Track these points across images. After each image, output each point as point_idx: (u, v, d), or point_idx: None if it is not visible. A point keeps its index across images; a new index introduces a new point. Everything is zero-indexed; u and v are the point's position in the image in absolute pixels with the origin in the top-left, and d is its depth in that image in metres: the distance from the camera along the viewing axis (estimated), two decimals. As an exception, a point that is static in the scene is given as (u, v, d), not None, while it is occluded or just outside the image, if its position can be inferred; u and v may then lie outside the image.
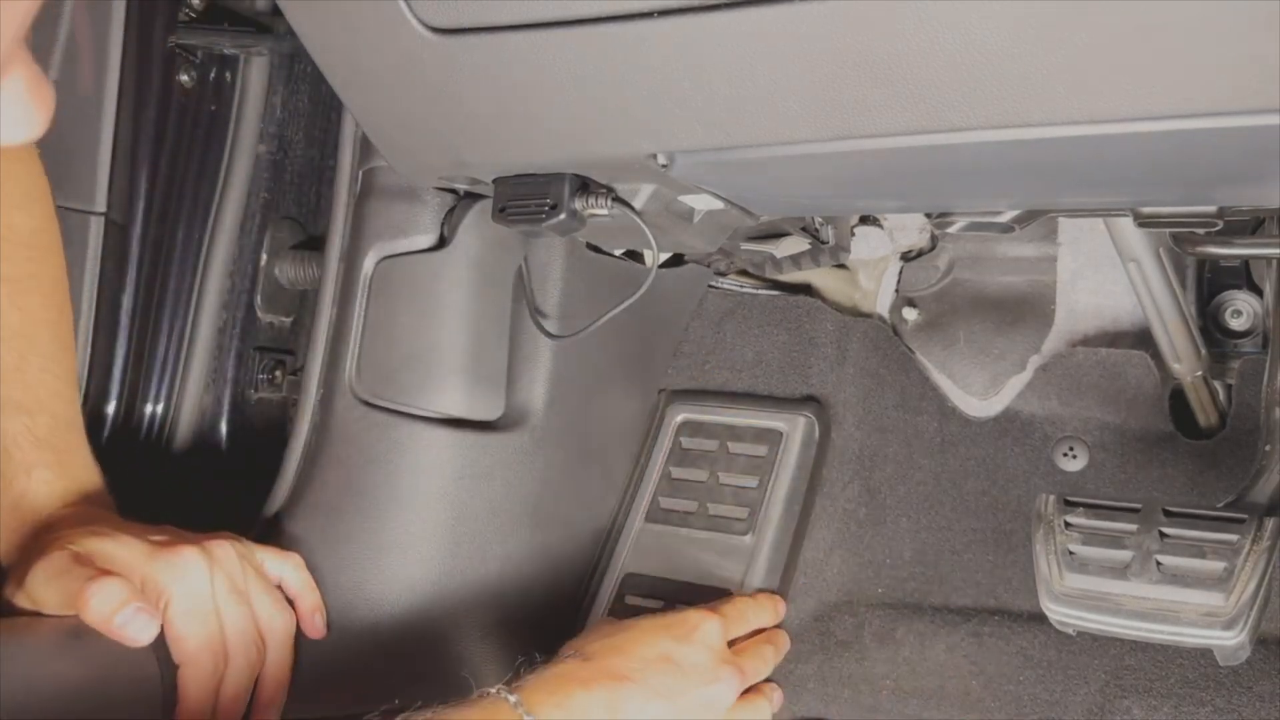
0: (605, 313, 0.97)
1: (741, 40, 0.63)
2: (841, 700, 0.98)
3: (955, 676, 0.97)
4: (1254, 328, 1.03)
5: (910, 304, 1.16)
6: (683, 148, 0.73)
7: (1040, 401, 1.07)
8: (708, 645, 0.88)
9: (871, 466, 1.09)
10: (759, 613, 0.97)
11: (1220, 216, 0.76)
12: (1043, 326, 1.10)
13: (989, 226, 0.87)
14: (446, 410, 0.95)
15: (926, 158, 0.68)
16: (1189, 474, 1.00)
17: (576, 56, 0.68)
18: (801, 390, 1.13)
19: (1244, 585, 0.79)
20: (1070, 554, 0.85)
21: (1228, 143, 0.61)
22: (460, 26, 0.69)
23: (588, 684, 0.81)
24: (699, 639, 0.87)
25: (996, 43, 0.58)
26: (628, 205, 0.82)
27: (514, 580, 1.00)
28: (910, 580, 1.04)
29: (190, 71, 1.12)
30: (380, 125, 0.82)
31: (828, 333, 1.14)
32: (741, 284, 1.20)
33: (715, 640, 0.89)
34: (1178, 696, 0.90)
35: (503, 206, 0.83)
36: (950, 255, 1.15)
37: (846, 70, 0.62)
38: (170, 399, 1.14)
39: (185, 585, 0.78)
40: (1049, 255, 1.11)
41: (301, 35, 0.77)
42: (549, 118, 0.74)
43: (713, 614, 0.90)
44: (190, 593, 0.78)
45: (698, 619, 0.89)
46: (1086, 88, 0.59)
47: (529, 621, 1.01)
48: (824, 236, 1.06)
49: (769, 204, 0.89)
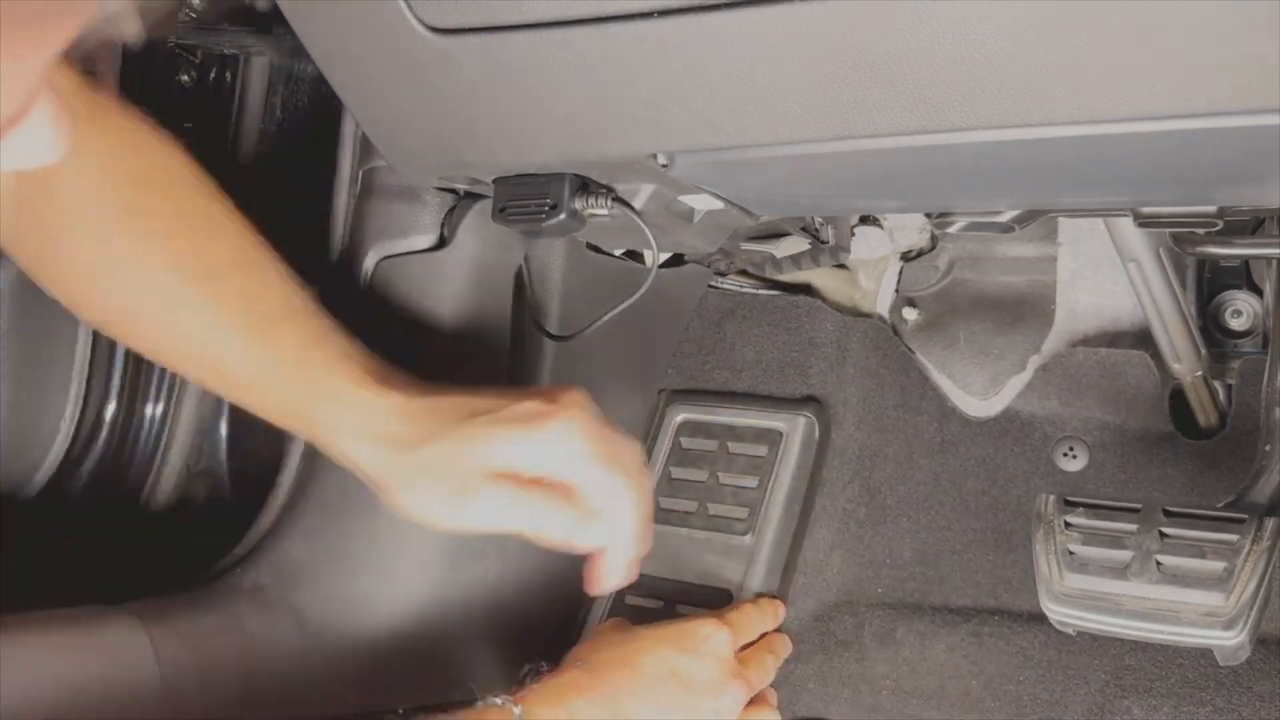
0: (605, 313, 0.97)
1: (741, 40, 0.63)
2: (841, 700, 0.98)
3: (955, 676, 0.97)
4: (1254, 328, 1.03)
5: (910, 304, 1.16)
6: (683, 148, 0.73)
7: (1040, 401, 1.07)
8: (717, 657, 0.86)
9: (871, 466, 1.09)
10: (763, 619, 0.96)
11: (1220, 216, 0.76)
12: (1043, 326, 1.10)
13: (989, 226, 0.87)
14: (446, 410, 0.94)
15: (926, 158, 0.68)
16: (1189, 474, 1.00)
17: (576, 56, 0.68)
18: (801, 390, 1.13)
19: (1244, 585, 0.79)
20: (1070, 554, 0.85)
21: (1228, 143, 0.61)
22: (460, 26, 0.69)
23: (592, 696, 0.79)
24: (708, 651, 0.86)
25: (996, 43, 0.58)
26: (628, 205, 0.82)
27: (513, 581, 0.99)
28: (910, 580, 1.04)
29: (190, 71, 1.12)
30: (380, 125, 0.82)
31: (828, 333, 1.14)
32: (741, 284, 1.20)
33: (725, 652, 0.87)
34: (1178, 696, 0.90)
35: (503, 206, 0.83)
36: (950, 255, 1.15)
37: (846, 70, 0.62)
38: (170, 399, 1.14)
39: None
40: (1049, 255, 1.11)
41: (301, 35, 0.77)
42: (549, 118, 0.74)
43: (722, 624, 0.88)
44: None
45: (707, 630, 0.87)
46: (1086, 88, 0.59)
47: (528, 623, 1.01)
48: (824, 236, 1.06)
49: (769, 204, 0.89)
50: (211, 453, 1.17)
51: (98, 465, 1.10)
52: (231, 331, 0.79)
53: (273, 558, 0.95)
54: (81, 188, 0.77)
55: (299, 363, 0.78)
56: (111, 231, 0.78)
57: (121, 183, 0.78)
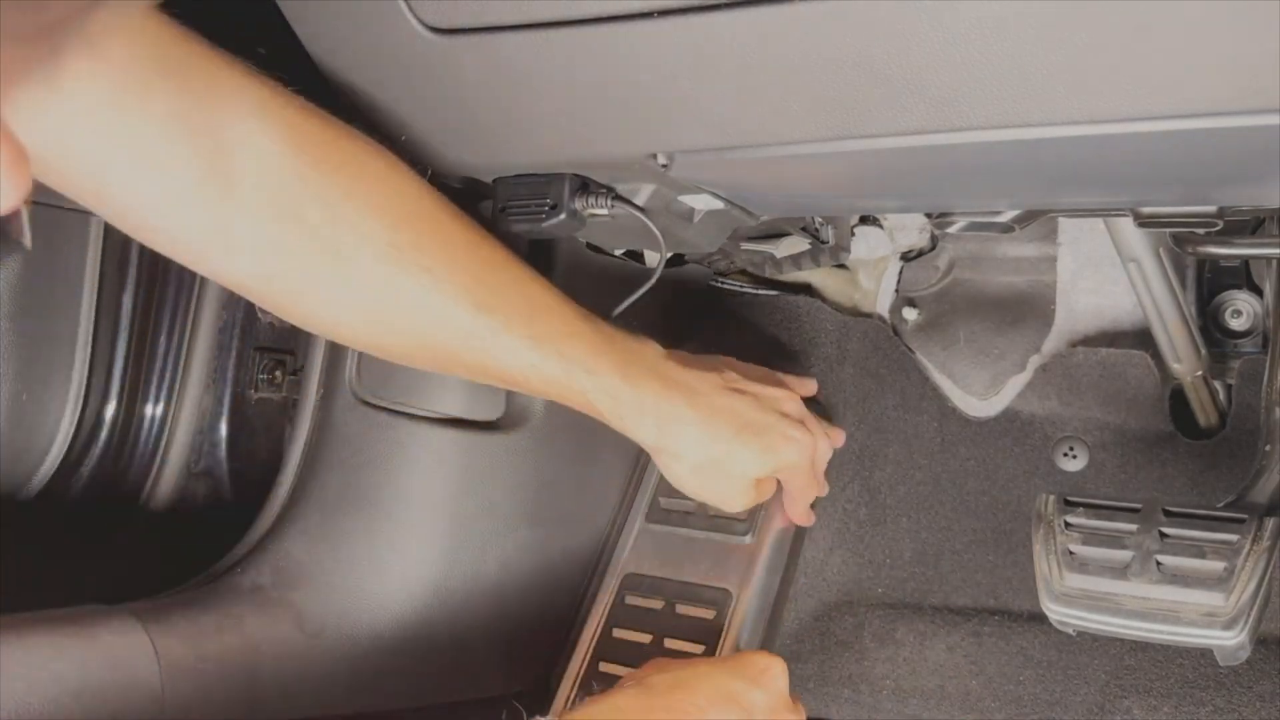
0: (607, 313, 0.97)
1: (741, 40, 0.63)
2: (841, 700, 0.99)
3: (955, 676, 0.97)
4: (1254, 328, 1.03)
5: (910, 304, 1.16)
6: (683, 148, 0.73)
7: (1040, 401, 1.07)
8: (777, 690, 0.83)
9: (871, 466, 1.09)
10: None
11: (1220, 216, 0.76)
12: (1043, 326, 1.10)
13: (989, 226, 0.87)
14: (446, 410, 0.95)
15: (926, 158, 0.68)
16: (1189, 474, 1.00)
17: (576, 56, 0.68)
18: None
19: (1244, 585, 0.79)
20: (1070, 554, 0.85)
21: (1228, 143, 0.61)
22: (460, 26, 0.69)
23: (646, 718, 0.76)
24: (768, 683, 0.83)
25: (996, 43, 0.58)
26: (632, 204, 0.82)
27: (514, 580, 1.00)
28: (910, 580, 1.04)
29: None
30: (380, 125, 0.82)
31: (828, 333, 1.14)
32: (741, 284, 1.20)
33: (784, 685, 0.84)
34: (1178, 696, 0.90)
35: (503, 206, 0.83)
36: (950, 255, 1.15)
37: (846, 70, 0.62)
38: (170, 399, 1.14)
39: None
40: (1049, 255, 1.11)
41: (301, 35, 0.77)
42: (549, 118, 0.74)
43: (777, 659, 0.85)
44: None
45: (766, 661, 0.84)
46: (1086, 88, 0.59)
47: (529, 622, 1.01)
48: (824, 236, 1.06)
49: (769, 204, 0.89)
50: (211, 453, 1.17)
51: (98, 465, 1.10)
52: (528, 353, 0.82)
53: (273, 558, 0.95)
54: (344, 228, 0.75)
55: (587, 373, 0.85)
56: (386, 270, 0.76)
57: (387, 221, 0.76)
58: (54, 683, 0.74)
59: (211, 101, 0.70)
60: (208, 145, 0.70)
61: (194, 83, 0.69)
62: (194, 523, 1.14)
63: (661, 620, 0.99)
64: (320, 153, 0.74)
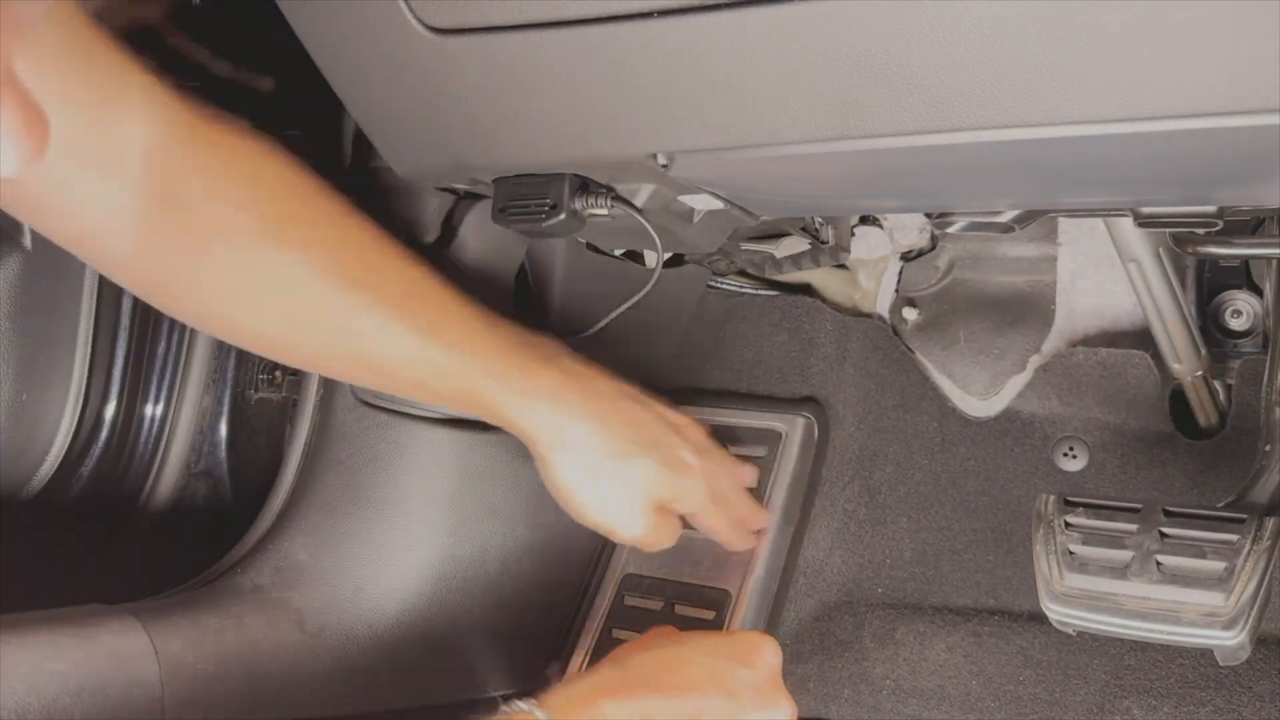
0: (608, 313, 0.97)
1: (741, 40, 0.63)
2: (841, 700, 0.99)
3: (955, 676, 0.97)
4: (1254, 328, 1.03)
5: (910, 304, 1.16)
6: (683, 148, 0.73)
7: (1040, 401, 1.07)
8: (765, 668, 0.81)
9: (871, 466, 1.09)
10: None
11: (1220, 216, 0.76)
12: (1043, 326, 1.10)
13: (989, 226, 0.87)
14: (446, 410, 0.95)
15: (926, 158, 0.68)
16: (1189, 474, 1.00)
17: (576, 56, 0.68)
18: (801, 391, 1.13)
19: (1244, 585, 0.79)
20: (1070, 554, 0.85)
21: (1228, 143, 0.61)
22: (460, 26, 0.69)
23: (623, 699, 0.74)
24: (755, 660, 0.80)
25: (996, 43, 0.58)
26: (630, 205, 0.82)
27: (514, 580, 1.00)
28: (910, 580, 1.04)
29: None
30: (380, 125, 0.82)
31: (828, 333, 1.14)
32: (741, 284, 1.20)
33: (774, 663, 0.82)
34: (1178, 696, 0.90)
35: (503, 206, 0.83)
36: (950, 255, 1.15)
37: (846, 70, 0.62)
38: (170, 399, 1.14)
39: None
40: (1049, 255, 1.11)
41: (301, 35, 0.77)
42: (549, 118, 0.74)
43: (772, 638, 0.83)
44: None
45: (759, 639, 0.82)
46: (1086, 88, 0.59)
47: (529, 621, 1.01)
48: (824, 236, 1.06)
49: (769, 204, 0.89)
50: (211, 453, 1.17)
51: (98, 465, 1.10)
52: (404, 336, 0.80)
53: (273, 558, 0.95)
54: (220, 204, 0.76)
55: (471, 355, 0.82)
56: (258, 245, 0.77)
57: (262, 195, 0.78)
58: (54, 683, 0.74)
59: (106, 85, 0.72)
60: (99, 126, 0.71)
61: (95, 68, 0.71)
62: (194, 523, 1.14)
63: (661, 621, 0.99)
64: (202, 136, 0.76)
